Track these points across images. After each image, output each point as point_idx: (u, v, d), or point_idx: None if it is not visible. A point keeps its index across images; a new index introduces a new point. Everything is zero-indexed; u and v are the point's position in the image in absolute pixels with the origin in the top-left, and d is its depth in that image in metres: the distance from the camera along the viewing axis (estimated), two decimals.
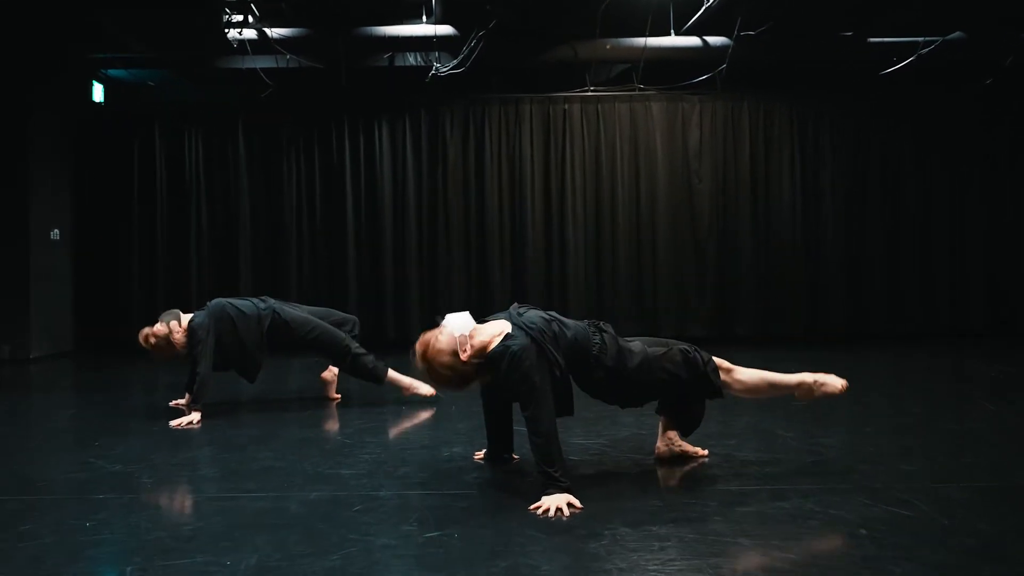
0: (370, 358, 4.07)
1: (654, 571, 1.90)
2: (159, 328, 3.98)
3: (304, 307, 4.37)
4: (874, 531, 2.15)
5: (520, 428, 2.74)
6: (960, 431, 3.50)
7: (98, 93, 7.67)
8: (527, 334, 2.52)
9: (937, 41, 6.61)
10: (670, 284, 7.18)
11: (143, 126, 7.46)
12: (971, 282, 7.21)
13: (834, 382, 2.71)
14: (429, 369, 2.59)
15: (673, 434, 2.93)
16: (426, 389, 4.04)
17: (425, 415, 3.96)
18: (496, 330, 2.60)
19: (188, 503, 2.50)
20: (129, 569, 1.96)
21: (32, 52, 6.72)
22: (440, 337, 2.56)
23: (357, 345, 4.09)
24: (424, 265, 7.30)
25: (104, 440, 3.50)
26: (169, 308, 7.25)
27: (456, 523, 2.28)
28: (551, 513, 2.30)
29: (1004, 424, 3.62)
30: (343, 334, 4.10)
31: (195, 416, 3.77)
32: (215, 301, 4.14)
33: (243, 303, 4.15)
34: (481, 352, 2.53)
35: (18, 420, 4.20)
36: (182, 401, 4.11)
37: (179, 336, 3.94)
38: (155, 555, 2.06)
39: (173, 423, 3.72)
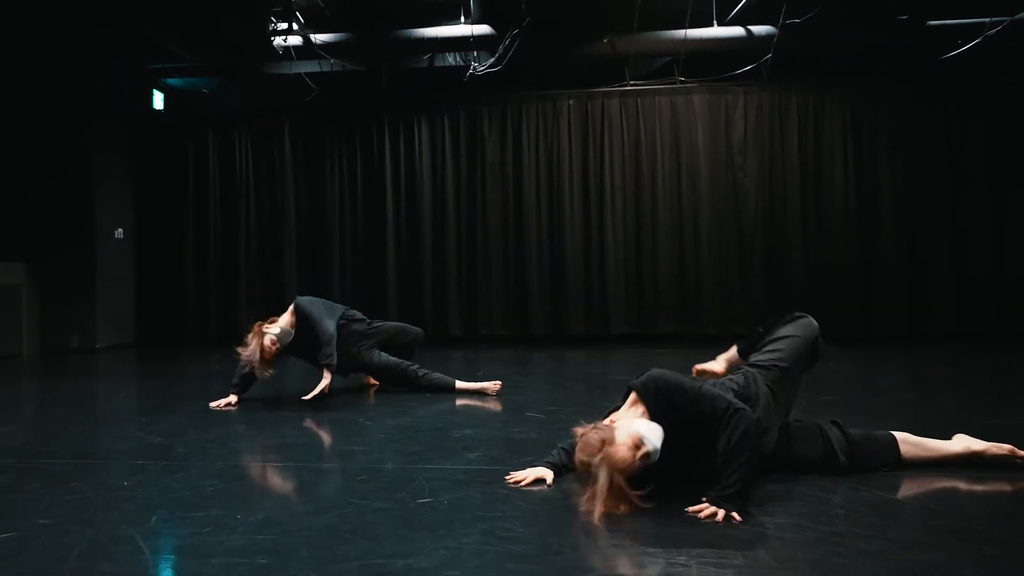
0: (436, 375, 4.23)
1: (627, 531, 1.91)
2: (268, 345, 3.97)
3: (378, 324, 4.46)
4: (854, 512, 2.10)
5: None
6: (995, 427, 3.34)
7: (158, 101, 8.13)
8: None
9: (1005, 21, 6.24)
10: (714, 281, 7.02)
11: (197, 131, 7.85)
12: None
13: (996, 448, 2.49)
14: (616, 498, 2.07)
15: None
16: (493, 386, 4.16)
17: (449, 403, 4.04)
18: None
19: (213, 469, 2.64)
20: (154, 519, 2.12)
21: (96, 63, 7.18)
22: (624, 447, 2.10)
23: (416, 367, 4.23)
24: (462, 261, 7.40)
25: (149, 418, 3.72)
26: (220, 306, 7.70)
27: (448, 492, 2.33)
28: (719, 517, 2.04)
29: None
30: (404, 362, 4.26)
31: (326, 380, 3.92)
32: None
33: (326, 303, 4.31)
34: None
35: (79, 400, 4.49)
36: (223, 401, 4.00)
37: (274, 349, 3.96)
38: (177, 508, 2.23)
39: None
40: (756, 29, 6.75)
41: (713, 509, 2.07)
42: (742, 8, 6.34)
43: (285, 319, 4.10)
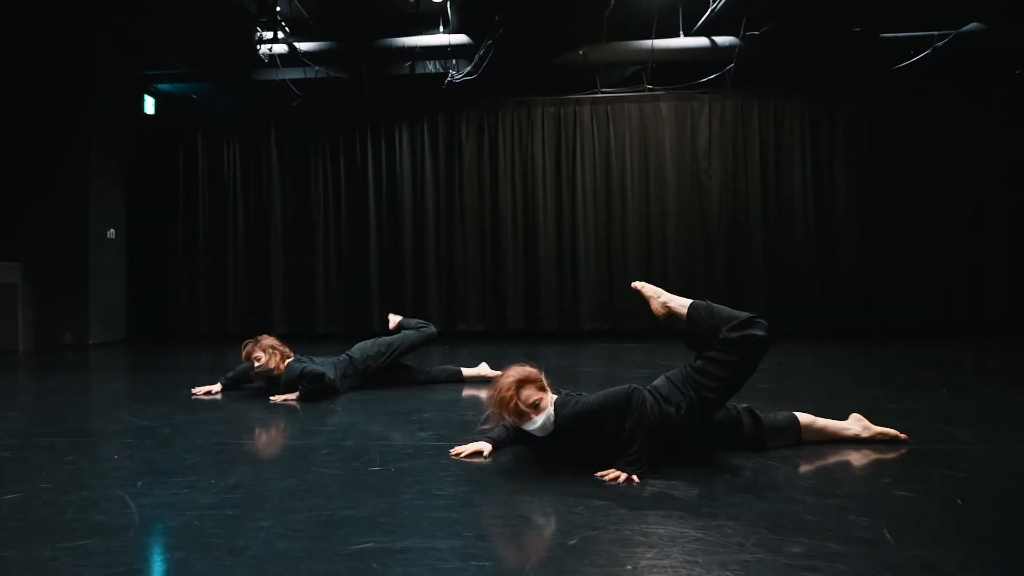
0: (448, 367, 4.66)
1: (541, 490, 2.27)
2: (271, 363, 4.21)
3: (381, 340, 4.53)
4: (735, 476, 2.45)
5: None
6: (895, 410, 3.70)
7: (149, 106, 8.44)
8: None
9: (951, 34, 6.62)
10: (680, 280, 7.38)
11: (187, 135, 8.18)
12: (997, 277, 7.15)
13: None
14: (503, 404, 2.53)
15: None
16: (490, 371, 4.54)
17: (415, 391, 4.38)
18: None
19: (194, 446, 2.98)
20: (140, 483, 2.47)
21: (89, 69, 7.50)
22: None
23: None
24: (441, 261, 7.74)
25: (139, 405, 4.06)
26: (209, 303, 8.03)
27: (397, 462, 2.69)
28: (621, 480, 2.39)
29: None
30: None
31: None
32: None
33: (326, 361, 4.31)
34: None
35: (74, 390, 4.82)
36: (204, 389, 4.33)
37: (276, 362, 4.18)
38: (160, 475, 2.57)
39: (281, 398, 4.02)
40: (720, 40, 7.11)
41: (617, 473, 2.43)
42: (706, 20, 6.70)
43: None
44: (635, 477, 2.42)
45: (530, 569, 1.73)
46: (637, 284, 3.03)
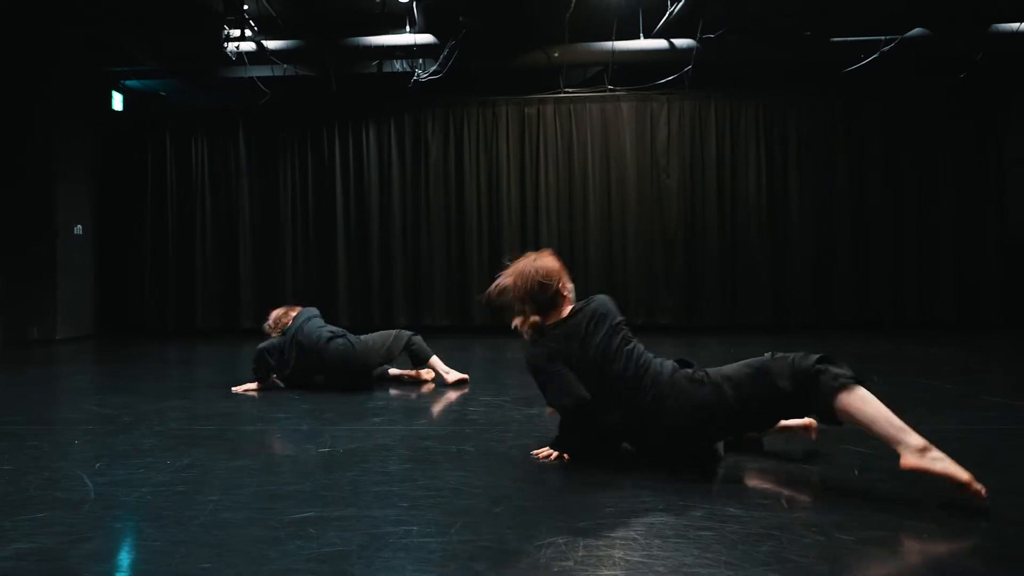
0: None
1: (474, 468, 2.45)
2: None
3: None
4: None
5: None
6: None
7: (117, 102, 8.46)
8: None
9: (897, 39, 6.92)
10: (640, 276, 7.63)
11: (155, 131, 8.22)
12: (940, 274, 7.47)
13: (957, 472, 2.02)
14: (524, 278, 2.55)
15: None
16: (454, 375, 4.22)
17: (378, 390, 4.54)
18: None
19: (152, 432, 3.11)
20: (98, 464, 2.60)
21: (56, 66, 7.51)
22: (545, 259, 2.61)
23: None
24: (407, 256, 7.89)
25: (103, 396, 4.17)
26: (177, 298, 8.09)
27: (346, 445, 2.85)
28: (552, 457, 2.51)
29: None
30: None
31: (252, 385, 4.16)
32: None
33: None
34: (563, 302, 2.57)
35: (40, 383, 4.89)
36: (247, 386, 4.23)
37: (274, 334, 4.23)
38: (118, 458, 2.71)
39: (236, 388, 4.10)
40: (678, 42, 7.34)
41: (548, 450, 2.61)
42: (665, 23, 6.92)
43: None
44: (555, 453, 2.55)
45: (454, 531, 1.91)
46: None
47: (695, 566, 1.72)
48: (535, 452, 2.66)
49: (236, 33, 7.31)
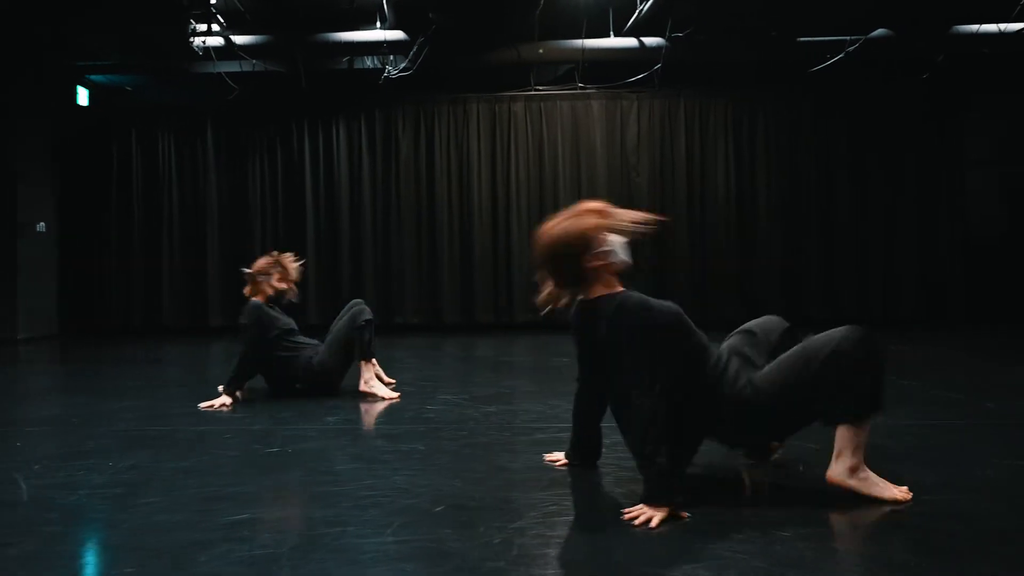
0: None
1: (417, 467, 2.44)
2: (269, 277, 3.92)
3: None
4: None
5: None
6: None
7: (83, 97, 8.31)
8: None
9: (861, 39, 7.00)
10: None
11: (121, 127, 8.09)
12: (904, 272, 7.58)
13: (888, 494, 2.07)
14: (542, 242, 2.18)
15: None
16: (386, 392, 3.82)
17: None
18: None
19: (99, 432, 3.06)
20: (36, 466, 2.55)
21: (18, 60, 7.36)
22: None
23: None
24: (378, 254, 7.85)
25: (56, 396, 4.10)
26: (143, 298, 7.96)
27: (296, 444, 2.83)
28: (652, 524, 1.91)
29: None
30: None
31: (226, 399, 3.62)
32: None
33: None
34: (607, 270, 2.18)
35: None
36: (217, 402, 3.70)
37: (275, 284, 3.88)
38: (58, 459, 2.67)
39: (203, 405, 3.60)
40: (648, 41, 7.36)
41: (646, 516, 1.95)
42: (635, 22, 6.94)
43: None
44: (656, 516, 1.92)
45: (390, 532, 1.90)
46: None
47: (628, 563, 1.73)
48: (548, 457, 2.55)
49: (203, 28, 7.22)
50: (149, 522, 1.96)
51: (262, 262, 4.01)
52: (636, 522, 1.94)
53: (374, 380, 3.86)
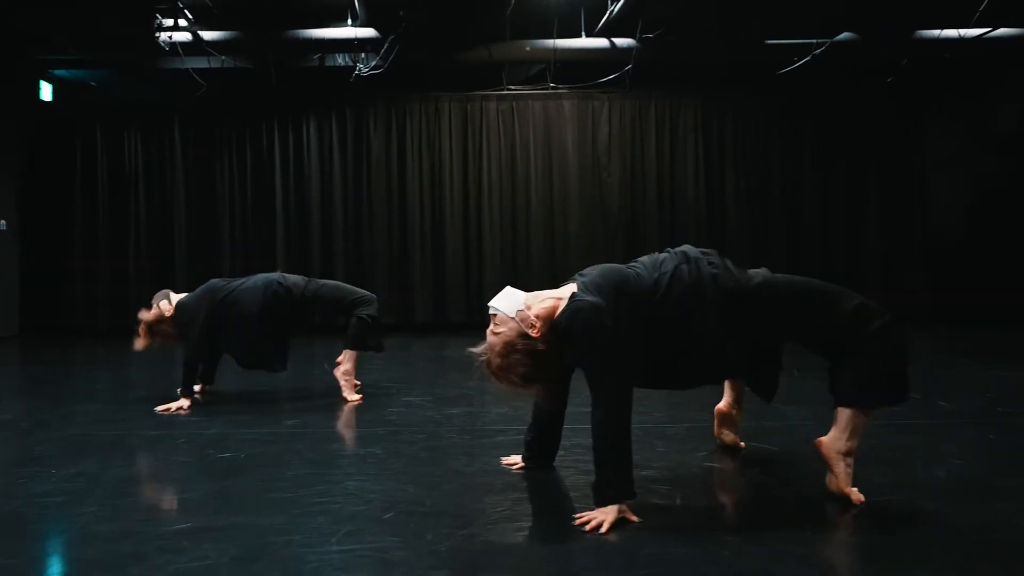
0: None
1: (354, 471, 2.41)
2: (152, 312, 3.75)
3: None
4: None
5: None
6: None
7: (46, 92, 8.12)
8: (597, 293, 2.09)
9: (827, 42, 7.08)
10: None
11: (85, 123, 7.91)
12: (867, 270, 7.67)
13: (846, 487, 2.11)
14: (507, 370, 2.11)
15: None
16: (350, 395, 3.70)
17: (296, 377, 4.46)
18: (559, 293, 2.20)
19: (49, 438, 2.98)
20: None
21: None
22: (499, 330, 2.14)
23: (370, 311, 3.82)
24: (349, 253, 7.76)
25: (8, 400, 4.00)
26: (109, 297, 7.82)
27: (250, 449, 2.78)
28: (602, 530, 1.90)
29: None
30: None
31: (184, 403, 3.52)
32: (212, 280, 3.87)
33: (246, 280, 3.84)
34: (549, 320, 2.11)
35: None
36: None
37: (167, 315, 3.69)
38: (4, 466, 2.59)
39: (160, 408, 3.50)
40: (619, 41, 7.36)
41: (597, 520, 1.95)
42: (606, 22, 6.95)
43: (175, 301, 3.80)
44: (607, 521, 1.92)
45: (335, 540, 1.87)
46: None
47: (576, 570, 1.72)
48: (505, 460, 2.55)
49: (169, 22, 7.09)
50: (86, 533, 1.91)
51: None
52: (587, 527, 1.94)
53: (351, 376, 3.76)
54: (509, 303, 2.18)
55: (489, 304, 2.22)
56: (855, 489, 2.12)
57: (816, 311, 2.20)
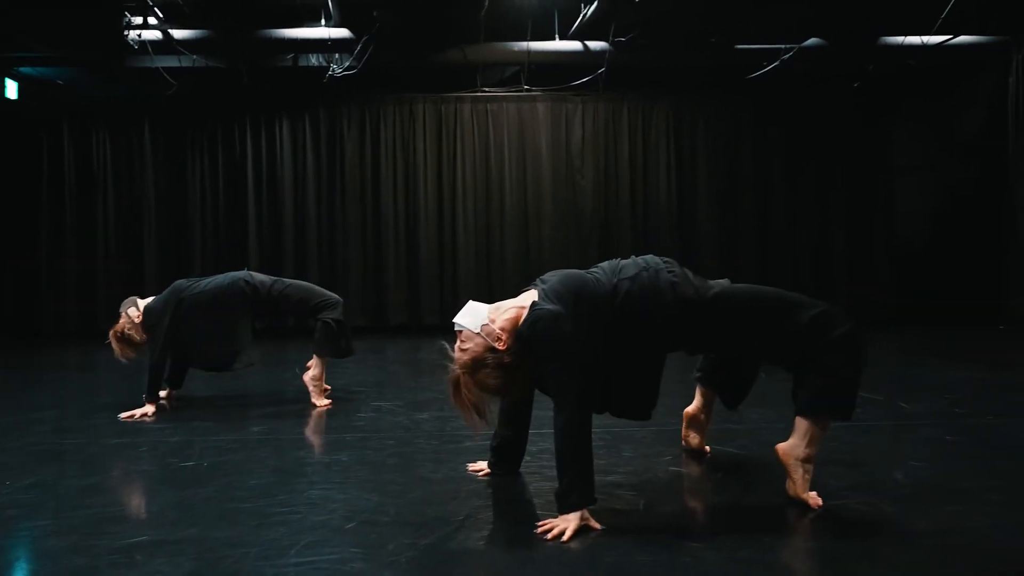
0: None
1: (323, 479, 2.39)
2: (120, 320, 3.67)
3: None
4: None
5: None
6: None
7: (12, 90, 7.94)
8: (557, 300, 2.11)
9: (795, 48, 7.18)
10: None
11: (52, 122, 7.76)
12: (835, 272, 7.80)
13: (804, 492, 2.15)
14: (479, 386, 2.11)
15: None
16: (319, 400, 3.71)
17: (261, 378, 4.41)
18: (521, 302, 2.19)
19: (7, 446, 2.92)
20: None
21: None
22: (466, 346, 2.12)
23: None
24: (322, 255, 7.71)
25: None
26: (76, 299, 7.67)
27: (214, 457, 2.74)
28: (565, 537, 1.91)
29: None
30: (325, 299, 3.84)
31: (148, 409, 3.49)
32: (177, 281, 3.81)
33: (212, 279, 3.79)
34: (514, 332, 2.11)
35: None
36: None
37: (138, 323, 3.63)
38: None
39: (123, 415, 3.47)
40: (592, 44, 7.40)
41: (559, 529, 1.95)
42: (579, 25, 6.97)
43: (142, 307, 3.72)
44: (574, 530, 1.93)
45: (294, 552, 1.85)
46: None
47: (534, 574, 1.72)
48: (472, 467, 2.55)
49: (138, 20, 6.97)
50: (37, 547, 1.87)
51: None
52: (549, 535, 1.94)
53: (319, 381, 3.74)
54: (473, 318, 2.16)
55: (454, 321, 2.20)
56: (813, 493, 2.15)
57: (771, 323, 2.20)
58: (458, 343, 2.17)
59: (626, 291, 2.18)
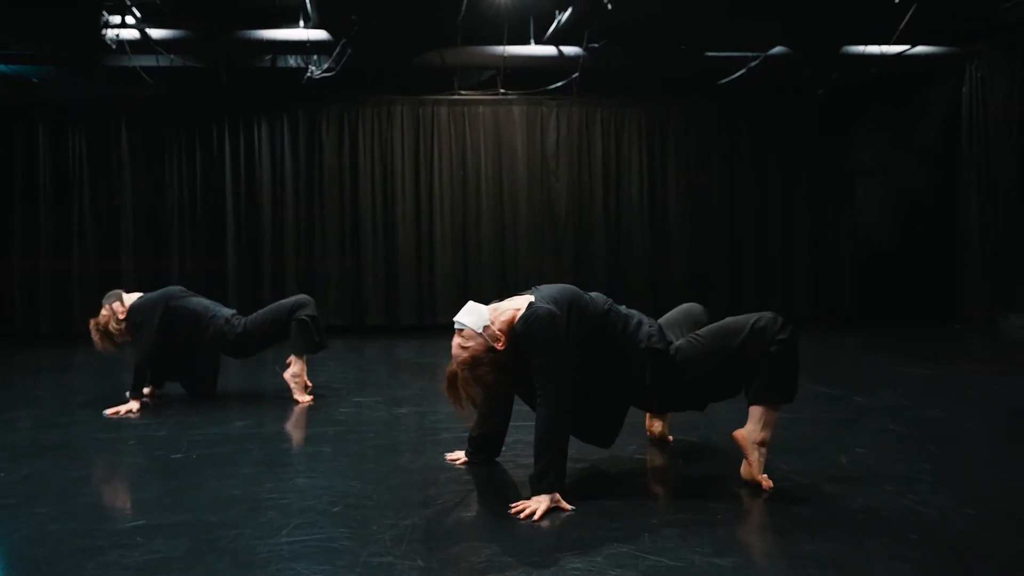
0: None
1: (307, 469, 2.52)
2: (102, 314, 3.74)
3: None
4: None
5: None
6: None
7: None
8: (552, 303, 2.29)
9: (761, 56, 7.43)
10: (529, 275, 7.81)
11: (26, 121, 7.73)
12: (800, 273, 8.09)
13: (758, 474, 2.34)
14: (475, 381, 2.27)
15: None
16: (301, 396, 3.82)
17: (249, 374, 4.51)
18: (516, 304, 2.35)
19: None
20: None
21: None
22: (467, 344, 2.27)
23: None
24: (300, 256, 7.78)
25: None
26: (51, 300, 7.64)
27: (201, 449, 2.86)
28: (535, 517, 2.08)
29: None
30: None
31: (133, 405, 3.55)
32: (172, 287, 3.94)
33: (200, 299, 3.94)
34: (511, 333, 2.27)
35: None
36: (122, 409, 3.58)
37: (121, 318, 3.70)
38: None
39: (108, 411, 3.52)
40: (567, 50, 7.58)
41: (531, 508, 2.12)
42: (555, 30, 7.14)
43: (127, 302, 3.82)
44: (545, 510, 2.10)
45: (285, 533, 1.99)
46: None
47: (510, 554, 1.87)
48: (450, 456, 2.70)
49: (116, 19, 6.98)
50: (39, 532, 1.98)
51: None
52: (522, 515, 2.11)
53: (300, 377, 3.85)
54: (476, 319, 2.30)
55: (455, 319, 2.33)
56: (765, 476, 2.35)
57: (721, 369, 2.36)
58: (459, 340, 2.30)
59: (615, 316, 2.41)
